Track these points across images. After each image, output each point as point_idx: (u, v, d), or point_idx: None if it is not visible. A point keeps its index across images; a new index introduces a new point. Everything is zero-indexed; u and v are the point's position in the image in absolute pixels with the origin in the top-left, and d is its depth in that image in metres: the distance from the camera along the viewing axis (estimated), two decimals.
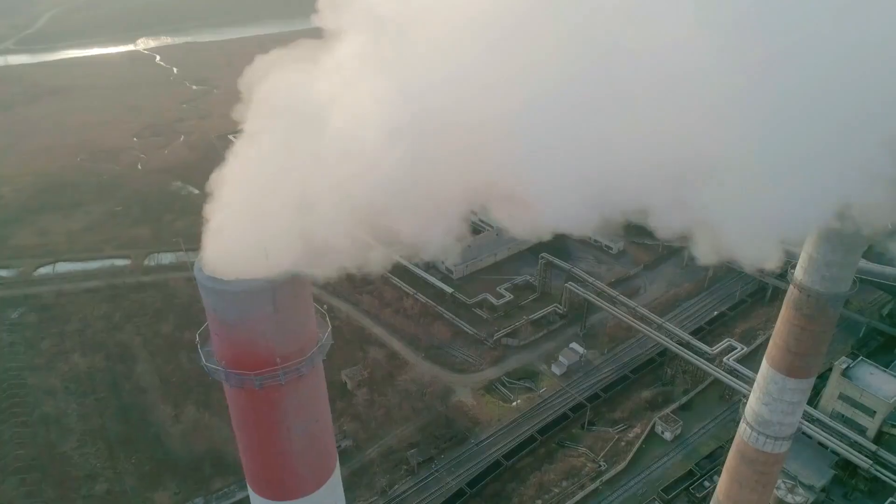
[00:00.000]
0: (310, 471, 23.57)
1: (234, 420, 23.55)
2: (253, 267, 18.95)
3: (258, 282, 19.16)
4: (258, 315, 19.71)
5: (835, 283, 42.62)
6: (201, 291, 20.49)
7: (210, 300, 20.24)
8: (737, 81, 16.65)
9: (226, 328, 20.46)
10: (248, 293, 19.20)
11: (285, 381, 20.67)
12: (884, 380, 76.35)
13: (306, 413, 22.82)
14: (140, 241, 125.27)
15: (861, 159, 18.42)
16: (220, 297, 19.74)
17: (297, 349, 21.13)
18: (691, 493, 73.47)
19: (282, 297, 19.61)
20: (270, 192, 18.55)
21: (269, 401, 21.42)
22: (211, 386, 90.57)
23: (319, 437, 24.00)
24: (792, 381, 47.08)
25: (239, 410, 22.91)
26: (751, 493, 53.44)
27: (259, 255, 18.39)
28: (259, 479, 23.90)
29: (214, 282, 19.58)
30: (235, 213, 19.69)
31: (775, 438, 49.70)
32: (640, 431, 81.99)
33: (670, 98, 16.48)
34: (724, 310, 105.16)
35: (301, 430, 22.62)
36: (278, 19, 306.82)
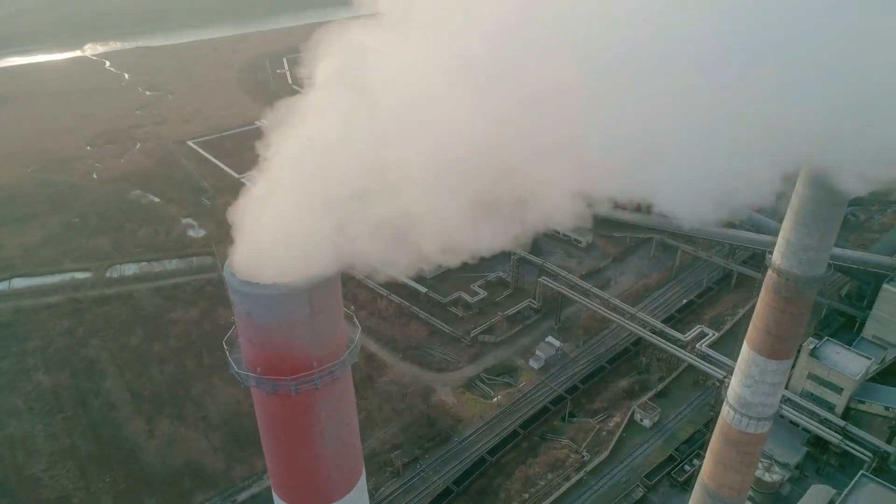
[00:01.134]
0: (341, 475, 23.15)
1: (264, 427, 22.95)
2: (289, 269, 18.51)
3: (296, 283, 18.71)
4: (295, 318, 19.26)
5: (812, 266, 44.05)
6: (234, 297, 19.89)
7: (245, 305, 19.67)
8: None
9: (261, 333, 19.91)
10: (286, 296, 18.73)
11: (321, 384, 20.26)
12: (849, 358, 79.44)
13: (339, 416, 22.40)
14: (100, 252, 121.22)
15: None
16: (257, 302, 19.21)
17: (331, 351, 20.72)
18: (673, 478, 75.12)
19: (318, 298, 19.20)
20: (310, 190, 18.07)
21: (304, 405, 20.95)
22: (185, 398, 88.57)
23: (350, 441, 23.63)
24: (773, 363, 48.45)
25: (270, 417, 22.34)
26: (735, 474, 54.82)
27: (296, 256, 17.96)
28: (289, 486, 23.35)
29: (250, 286, 19.04)
30: (270, 214, 19.15)
31: (758, 419, 51.10)
32: (620, 420, 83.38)
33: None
34: (693, 297, 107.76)
35: (333, 434, 22.19)
36: (231, 22, 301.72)
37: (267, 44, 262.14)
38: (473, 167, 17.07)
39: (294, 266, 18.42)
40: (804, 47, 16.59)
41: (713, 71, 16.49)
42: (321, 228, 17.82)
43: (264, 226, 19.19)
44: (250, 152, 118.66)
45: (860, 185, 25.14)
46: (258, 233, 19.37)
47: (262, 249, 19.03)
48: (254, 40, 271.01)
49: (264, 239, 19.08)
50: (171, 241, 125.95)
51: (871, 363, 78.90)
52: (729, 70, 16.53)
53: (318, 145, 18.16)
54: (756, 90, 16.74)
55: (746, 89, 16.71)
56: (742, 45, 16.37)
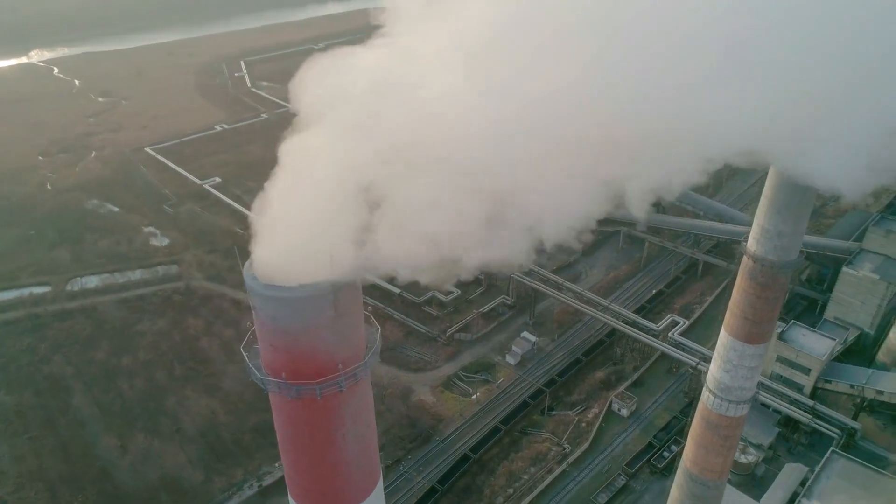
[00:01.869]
0: (362, 477, 22.80)
1: (286, 433, 22.40)
2: (316, 270, 18.11)
3: (321, 286, 18.33)
4: (321, 320, 18.86)
5: (786, 252, 45.38)
6: (256, 302, 19.37)
7: (268, 310, 19.18)
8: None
9: (286, 337, 19.45)
10: (312, 298, 18.33)
11: (346, 386, 19.90)
12: (814, 340, 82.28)
13: (360, 418, 22.07)
14: (60, 265, 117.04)
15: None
16: (282, 306, 18.75)
17: (354, 353, 20.38)
18: (653, 465, 76.58)
19: (343, 299, 18.85)
20: (339, 189, 17.69)
21: (328, 409, 20.54)
22: (157, 411, 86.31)
23: (370, 443, 23.30)
24: (751, 348, 49.79)
25: (293, 422, 21.82)
26: (716, 457, 56.16)
27: (320, 258, 17.57)
28: (310, 492, 22.85)
29: (275, 290, 18.56)
30: (295, 215, 18.69)
31: (737, 403, 52.45)
32: (598, 411, 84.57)
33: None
34: (662, 287, 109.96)
35: (355, 437, 21.84)
36: (184, 25, 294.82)
37: (223, 46, 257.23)
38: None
39: (321, 267, 18.06)
40: None
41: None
42: (349, 229, 17.52)
43: (288, 228, 18.75)
44: (212, 157, 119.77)
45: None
46: (281, 235, 18.92)
47: (287, 252, 18.61)
48: (209, 43, 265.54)
49: (289, 241, 18.65)
50: (134, 251, 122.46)
51: (835, 344, 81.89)
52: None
53: (347, 142, 17.76)
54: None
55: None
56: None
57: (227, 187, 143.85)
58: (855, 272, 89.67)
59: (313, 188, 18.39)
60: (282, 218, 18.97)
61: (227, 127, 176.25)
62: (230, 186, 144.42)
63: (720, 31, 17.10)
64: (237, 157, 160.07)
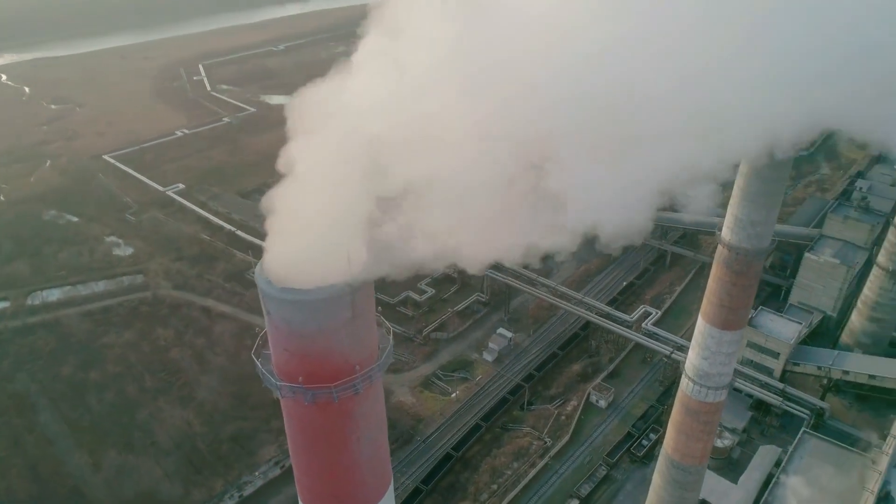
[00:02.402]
0: (374, 480, 22.56)
1: (299, 438, 21.94)
2: (333, 271, 17.79)
3: (338, 287, 18.02)
4: (338, 322, 18.55)
5: (759, 240, 46.69)
6: (271, 306, 18.93)
7: (284, 313, 18.76)
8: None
9: (302, 341, 19.06)
10: (330, 300, 18.01)
11: (362, 388, 19.63)
12: (782, 324, 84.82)
13: (374, 421, 21.83)
14: (19, 279, 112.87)
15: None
16: (299, 308, 18.37)
17: (368, 355, 20.13)
18: (633, 454, 77.85)
19: (359, 300, 18.59)
20: (355, 187, 17.33)
21: (343, 412, 20.23)
22: (130, 425, 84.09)
23: (382, 445, 23.06)
24: (728, 334, 51.02)
25: (307, 427, 21.39)
26: (697, 443, 57.42)
27: (341, 258, 17.26)
28: (323, 496, 22.47)
29: (292, 293, 18.17)
30: (310, 216, 18.28)
31: (716, 388, 53.69)
32: (577, 403, 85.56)
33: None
34: (632, 279, 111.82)
35: (368, 439, 21.59)
36: (136, 29, 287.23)
37: (179, 50, 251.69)
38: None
39: (338, 268, 17.78)
40: None
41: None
42: (366, 226, 17.26)
43: (304, 229, 18.38)
44: (174, 163, 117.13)
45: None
46: (296, 237, 18.53)
47: (303, 253, 18.25)
48: (164, 47, 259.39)
49: (304, 243, 18.28)
50: (96, 261, 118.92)
51: (801, 328, 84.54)
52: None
53: (363, 137, 17.41)
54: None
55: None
56: None
57: (192, 193, 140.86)
58: (816, 258, 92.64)
59: (328, 185, 18.02)
60: (296, 218, 18.60)
61: (188, 132, 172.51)
62: (194, 193, 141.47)
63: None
64: (200, 163, 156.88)
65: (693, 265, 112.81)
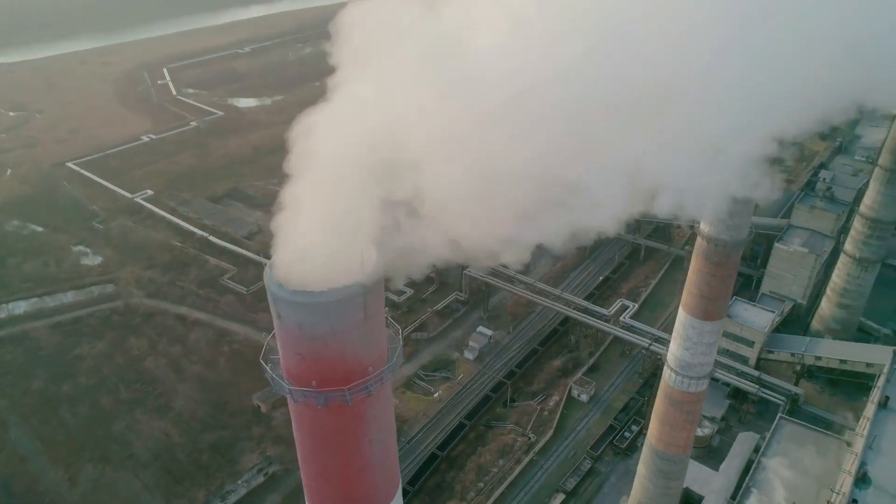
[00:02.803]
0: (385, 482, 22.23)
1: (310, 442, 21.43)
2: (345, 272, 17.48)
3: (351, 287, 17.71)
4: (350, 324, 18.21)
5: (737, 231, 47.64)
6: (283, 309, 18.48)
7: (296, 317, 18.35)
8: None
9: (314, 344, 18.65)
10: (343, 301, 17.67)
11: (375, 390, 19.35)
12: (755, 313, 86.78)
13: (384, 422, 21.50)
14: None
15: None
16: (312, 311, 17.97)
17: (379, 356, 19.84)
18: (616, 446, 78.77)
19: (371, 300, 18.32)
20: (364, 186, 17.04)
21: (357, 414, 19.87)
22: (106, 438, 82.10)
23: (392, 447, 22.76)
24: (708, 324, 51.94)
25: (319, 431, 20.90)
26: (680, 432, 58.33)
27: (353, 258, 16.98)
28: (335, 501, 22.02)
29: (305, 295, 17.78)
30: (320, 217, 17.92)
31: (697, 378, 54.62)
32: (559, 398, 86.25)
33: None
34: (608, 274, 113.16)
35: (380, 441, 21.27)
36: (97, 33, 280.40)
37: (141, 54, 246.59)
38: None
39: (351, 268, 17.51)
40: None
41: None
42: (377, 226, 17.04)
43: (316, 229, 18.03)
44: (141, 169, 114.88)
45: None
46: (308, 238, 18.17)
47: (314, 255, 17.90)
48: (126, 51, 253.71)
49: (316, 243, 17.94)
50: (64, 272, 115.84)
51: (774, 316, 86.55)
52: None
53: (370, 131, 17.13)
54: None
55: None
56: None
57: (161, 199, 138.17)
58: (786, 247, 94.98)
59: (340, 184, 17.73)
60: (308, 219, 18.28)
61: (154, 137, 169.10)
62: (164, 198, 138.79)
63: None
64: (168, 168, 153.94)
65: (666, 258, 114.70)
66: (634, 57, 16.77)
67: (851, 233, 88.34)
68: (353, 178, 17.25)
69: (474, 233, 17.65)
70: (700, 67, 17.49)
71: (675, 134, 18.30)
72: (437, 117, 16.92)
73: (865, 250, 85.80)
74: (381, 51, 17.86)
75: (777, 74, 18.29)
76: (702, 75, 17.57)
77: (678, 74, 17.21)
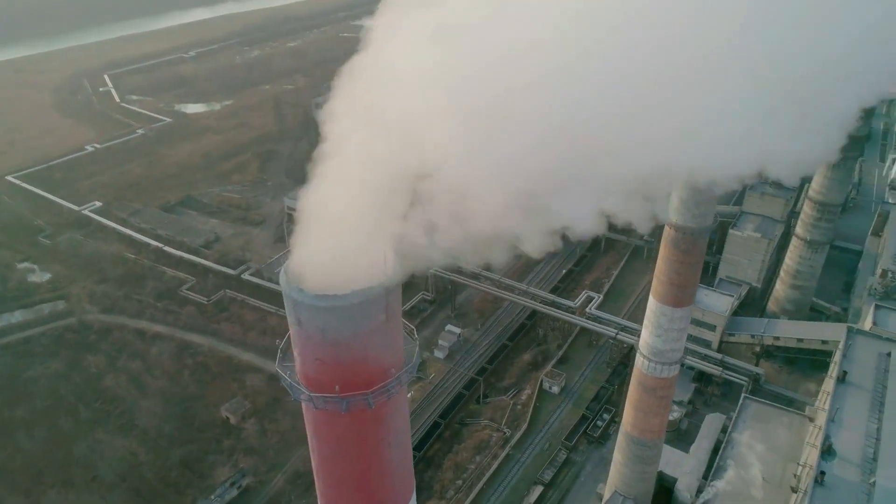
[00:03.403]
0: (402, 486, 21.84)
1: (328, 450, 20.78)
2: (366, 274, 17.05)
3: (374, 289, 17.30)
4: (373, 326, 17.78)
5: (703, 219, 49.09)
6: (304, 315, 17.84)
7: (319, 321, 17.78)
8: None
9: (336, 348, 18.11)
10: (367, 303, 17.24)
11: (396, 392, 18.99)
12: (715, 298, 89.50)
13: (402, 424, 21.12)
14: None
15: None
16: (335, 315, 17.44)
17: (399, 357, 19.50)
18: (589, 435, 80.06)
19: (392, 301, 17.96)
20: (388, 184, 16.63)
21: (378, 418, 19.44)
22: (67, 461, 78.87)
23: (408, 449, 22.37)
24: (679, 311, 53.35)
25: (339, 437, 20.31)
26: (654, 418, 59.74)
27: (374, 259, 16.58)
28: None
29: (328, 299, 17.25)
30: (342, 218, 17.40)
31: (669, 364, 56.08)
32: (531, 392, 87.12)
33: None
34: (571, 266, 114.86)
35: (399, 444, 20.87)
36: (30, 40, 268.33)
37: (80, 61, 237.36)
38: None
39: (374, 269, 17.14)
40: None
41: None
42: (398, 224, 16.72)
43: (338, 231, 17.54)
44: (87, 180, 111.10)
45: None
46: (330, 240, 17.67)
47: (337, 257, 17.43)
48: (63, 58, 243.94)
49: (339, 245, 17.46)
50: (10, 290, 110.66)
51: (733, 300, 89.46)
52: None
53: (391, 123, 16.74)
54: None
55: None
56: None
57: (111, 211, 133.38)
58: (740, 233, 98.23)
59: (363, 184, 17.30)
60: (330, 221, 17.80)
61: (99, 146, 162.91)
62: (114, 210, 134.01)
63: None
64: (117, 178, 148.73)
65: (626, 249, 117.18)
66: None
67: (802, 216, 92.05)
68: (378, 176, 16.90)
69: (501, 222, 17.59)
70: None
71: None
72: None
73: (815, 233, 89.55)
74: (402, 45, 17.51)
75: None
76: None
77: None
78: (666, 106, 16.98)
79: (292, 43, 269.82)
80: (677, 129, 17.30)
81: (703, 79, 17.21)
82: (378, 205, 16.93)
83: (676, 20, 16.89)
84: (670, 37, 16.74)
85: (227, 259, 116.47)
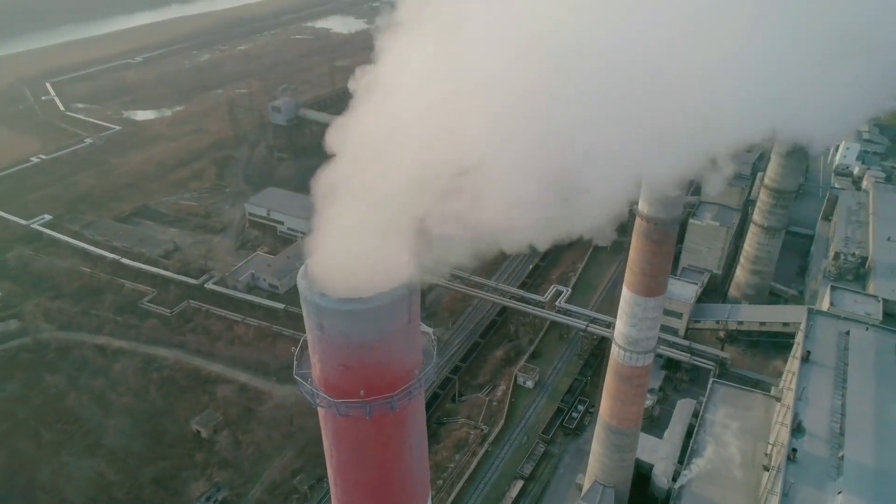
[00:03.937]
0: (420, 488, 21.55)
1: (349, 455, 20.30)
2: (390, 275, 16.69)
3: (398, 290, 16.96)
4: (397, 327, 17.44)
5: (673, 209, 50.21)
6: (328, 321, 17.34)
7: (342, 326, 17.31)
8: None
9: (360, 352, 17.68)
10: (390, 305, 16.89)
11: (418, 393, 18.67)
12: (680, 287, 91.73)
13: (421, 425, 20.82)
14: None
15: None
16: (359, 318, 17.02)
17: (418, 358, 19.18)
18: (565, 427, 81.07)
19: (414, 301, 17.64)
20: (411, 185, 16.31)
21: (399, 420, 19.11)
22: (30, 486, 75.62)
23: (425, 450, 22.08)
24: (652, 300, 54.43)
25: (362, 442, 19.87)
26: (631, 406, 60.88)
27: (397, 261, 16.25)
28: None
29: (353, 303, 16.80)
30: (365, 222, 16.97)
31: (644, 353, 57.17)
32: (506, 387, 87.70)
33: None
34: (537, 262, 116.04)
35: (418, 446, 20.60)
36: None
37: (18, 68, 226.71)
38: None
39: (395, 271, 16.83)
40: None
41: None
42: (418, 225, 16.46)
43: (362, 234, 17.12)
44: (35, 193, 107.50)
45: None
46: (353, 244, 17.24)
47: (360, 260, 17.04)
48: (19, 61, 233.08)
49: (362, 249, 17.06)
50: None
51: (697, 287, 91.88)
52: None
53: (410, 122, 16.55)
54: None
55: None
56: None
57: (62, 224, 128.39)
58: (700, 222, 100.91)
59: (385, 187, 16.96)
60: (353, 225, 17.39)
61: (45, 157, 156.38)
62: (65, 223, 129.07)
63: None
64: (66, 190, 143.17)
65: (590, 242, 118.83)
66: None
67: (758, 204, 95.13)
68: (400, 178, 16.68)
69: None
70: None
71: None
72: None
73: (772, 219, 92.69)
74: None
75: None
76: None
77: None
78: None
79: (243, 46, 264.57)
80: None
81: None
82: (403, 204, 16.74)
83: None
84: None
85: (189, 268, 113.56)
